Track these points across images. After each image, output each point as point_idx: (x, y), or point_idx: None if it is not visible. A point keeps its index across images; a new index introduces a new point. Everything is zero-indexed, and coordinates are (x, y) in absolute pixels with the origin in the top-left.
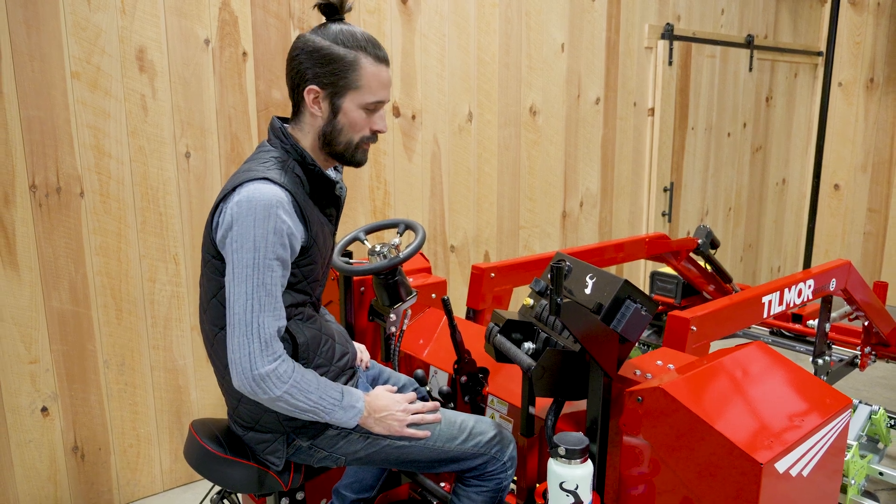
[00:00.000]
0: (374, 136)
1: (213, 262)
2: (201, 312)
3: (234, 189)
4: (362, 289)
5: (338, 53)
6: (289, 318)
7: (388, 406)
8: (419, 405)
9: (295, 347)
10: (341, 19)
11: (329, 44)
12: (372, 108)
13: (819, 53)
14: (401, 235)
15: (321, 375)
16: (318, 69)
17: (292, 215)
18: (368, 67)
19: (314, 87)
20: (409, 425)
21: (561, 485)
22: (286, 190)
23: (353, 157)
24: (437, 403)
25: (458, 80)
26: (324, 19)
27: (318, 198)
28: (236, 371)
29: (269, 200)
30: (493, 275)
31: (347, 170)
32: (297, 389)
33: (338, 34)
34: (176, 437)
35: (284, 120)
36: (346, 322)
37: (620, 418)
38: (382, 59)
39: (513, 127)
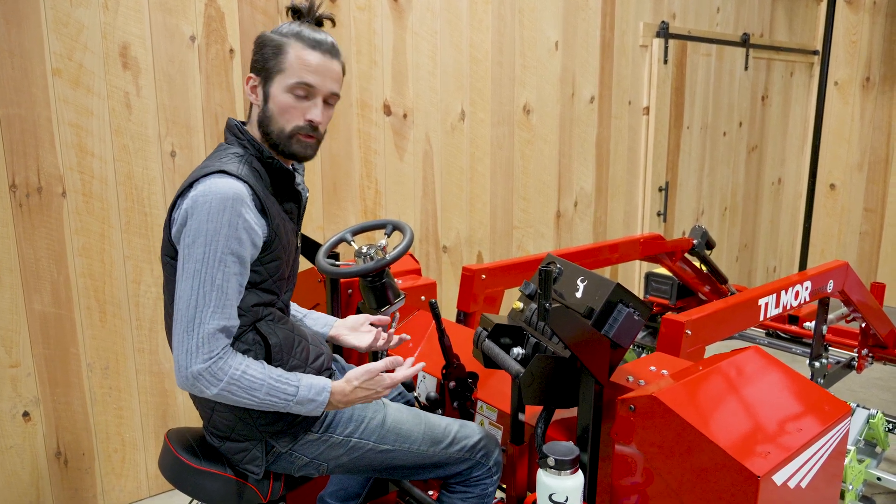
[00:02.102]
0: (309, 126)
1: (172, 264)
2: (166, 318)
3: (191, 185)
4: (349, 291)
5: (269, 39)
6: (259, 319)
7: (365, 396)
8: (400, 375)
9: (268, 349)
10: (308, 22)
11: (270, 35)
12: (302, 94)
13: (815, 52)
14: (388, 236)
15: (289, 372)
16: (255, 57)
17: (252, 209)
18: (296, 51)
19: (250, 74)
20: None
21: (550, 496)
22: (244, 182)
23: (287, 147)
24: (421, 365)
25: (451, 78)
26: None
27: (277, 192)
28: (176, 368)
29: (224, 194)
30: (484, 276)
31: (338, 168)
32: (238, 387)
33: (284, 27)
34: (161, 441)
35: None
36: None
37: (612, 427)
38: (318, 46)
39: (506, 126)
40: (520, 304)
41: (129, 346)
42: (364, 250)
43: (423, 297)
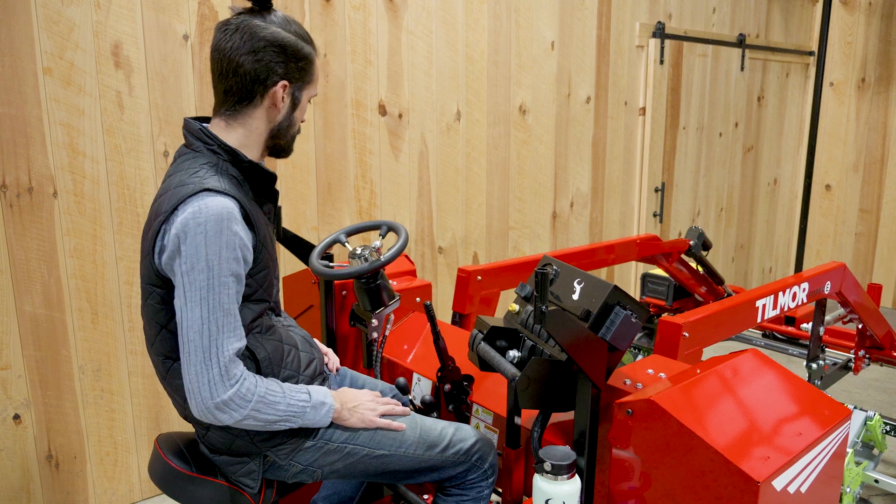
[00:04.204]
0: (300, 126)
1: (158, 292)
2: (148, 346)
3: (175, 209)
4: (344, 293)
5: (305, 50)
6: (248, 333)
7: (357, 397)
8: (387, 399)
9: (257, 364)
10: (272, 6)
11: (295, 39)
12: (310, 101)
13: (810, 53)
14: (383, 238)
15: (292, 384)
16: (290, 64)
17: (242, 224)
18: (317, 62)
19: (286, 81)
20: (382, 417)
21: (547, 502)
22: (231, 197)
23: (289, 146)
24: (406, 408)
25: (446, 77)
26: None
27: (257, 196)
28: (195, 401)
29: (218, 214)
30: (479, 278)
31: (332, 168)
32: (263, 404)
33: (293, 26)
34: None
35: (201, 119)
36: (326, 327)
37: (609, 431)
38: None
39: (502, 126)
40: (515, 307)
41: (122, 348)
42: (359, 252)
43: (418, 299)
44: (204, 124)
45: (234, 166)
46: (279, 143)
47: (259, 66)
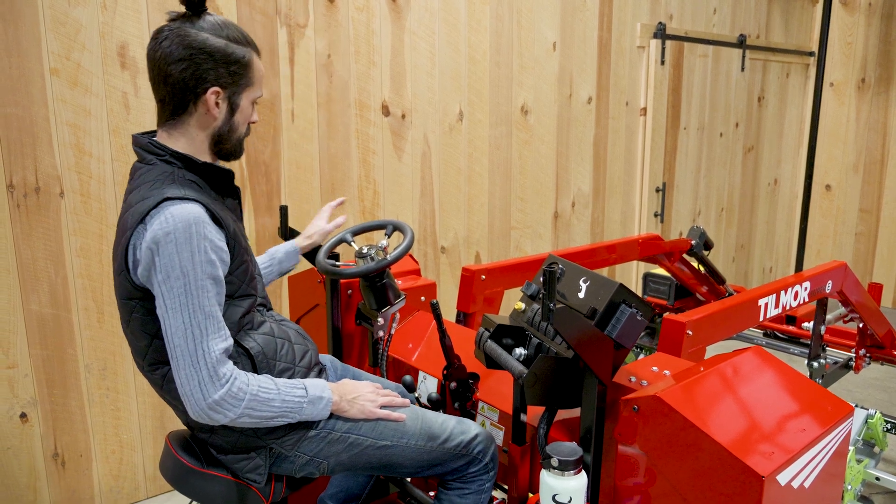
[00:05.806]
0: (249, 128)
1: (141, 304)
2: (139, 361)
3: (141, 222)
4: (349, 292)
5: (237, 53)
6: (238, 330)
7: (357, 388)
8: (387, 391)
9: (252, 360)
10: (205, 10)
11: (226, 43)
12: (257, 102)
13: (811, 53)
14: (389, 237)
15: (288, 379)
16: (220, 69)
17: (212, 226)
18: (257, 63)
19: (217, 88)
20: (383, 408)
21: (554, 497)
22: (194, 201)
23: (236, 150)
24: (405, 399)
25: (449, 78)
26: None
27: (219, 194)
28: (189, 403)
29: (186, 220)
30: (483, 277)
31: (336, 168)
32: (257, 401)
33: (226, 30)
34: (160, 443)
35: (147, 133)
36: (332, 326)
37: (615, 427)
38: (258, 53)
39: (504, 126)
40: (521, 305)
41: (127, 347)
42: (365, 251)
43: (422, 298)
44: (153, 137)
45: (190, 171)
46: (224, 148)
47: (187, 74)
